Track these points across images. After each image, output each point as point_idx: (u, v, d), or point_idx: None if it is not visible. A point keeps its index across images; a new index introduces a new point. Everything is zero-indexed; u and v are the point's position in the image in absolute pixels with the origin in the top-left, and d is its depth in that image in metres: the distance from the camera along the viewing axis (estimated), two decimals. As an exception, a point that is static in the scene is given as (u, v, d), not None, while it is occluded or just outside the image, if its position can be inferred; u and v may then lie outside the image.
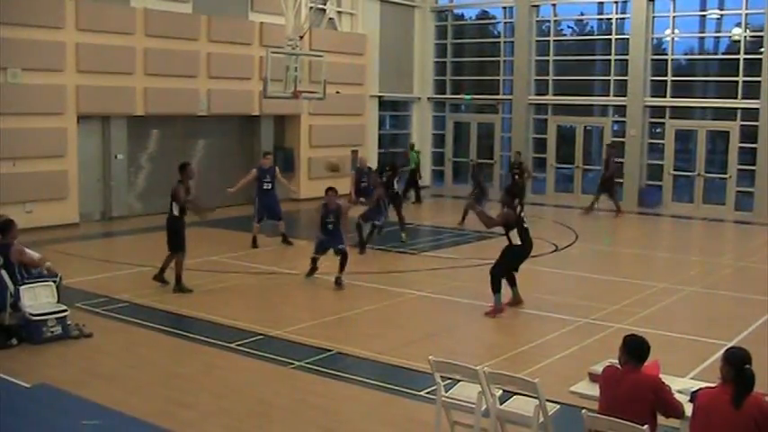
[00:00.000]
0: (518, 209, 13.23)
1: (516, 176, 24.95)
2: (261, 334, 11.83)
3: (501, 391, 7.68)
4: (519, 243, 13.18)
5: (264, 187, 18.91)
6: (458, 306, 14.15)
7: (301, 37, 20.56)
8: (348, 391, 9.64)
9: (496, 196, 24.60)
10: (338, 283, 14.91)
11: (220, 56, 23.84)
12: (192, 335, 11.78)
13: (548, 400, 7.22)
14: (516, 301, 13.58)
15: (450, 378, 7.99)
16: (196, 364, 10.56)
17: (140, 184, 23.22)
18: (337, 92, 24.07)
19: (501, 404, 7.56)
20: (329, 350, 11.10)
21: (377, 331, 12.34)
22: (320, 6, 26.73)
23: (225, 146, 25.69)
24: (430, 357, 7.84)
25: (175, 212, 14.40)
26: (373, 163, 27.80)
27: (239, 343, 11.34)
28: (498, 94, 31.18)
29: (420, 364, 9.61)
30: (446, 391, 7.84)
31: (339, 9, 28.70)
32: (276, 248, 18.60)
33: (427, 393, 9.12)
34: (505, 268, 13.34)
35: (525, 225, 13.25)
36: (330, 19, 28.24)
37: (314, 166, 26.43)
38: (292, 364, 10.51)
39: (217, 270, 16.20)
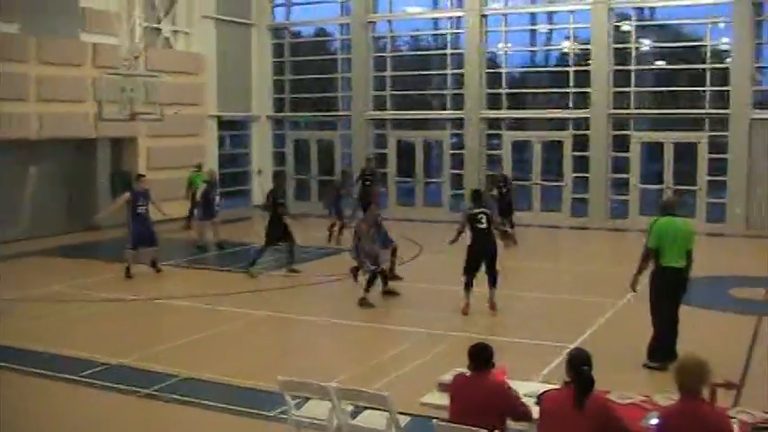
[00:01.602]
0: (474, 211, 14.18)
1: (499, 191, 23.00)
2: (106, 363, 11.45)
3: (352, 407, 7.67)
4: (468, 243, 14.26)
5: (138, 211, 18.07)
6: (305, 324, 14.14)
7: (136, 57, 20.17)
8: (199, 417, 9.46)
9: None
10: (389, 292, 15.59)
11: (52, 78, 23.06)
12: (32, 369, 11.25)
13: (399, 413, 7.26)
14: (490, 305, 14.33)
15: (300, 397, 7.94)
16: (38, 399, 10.14)
17: (-30, 214, 22.18)
18: (175, 113, 23.71)
19: (352, 420, 7.56)
20: (177, 375, 10.86)
21: (225, 353, 12.18)
22: (155, 26, 26.29)
23: (60, 170, 24.81)
24: (279, 377, 7.77)
25: None
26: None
27: (84, 374, 10.95)
28: (337, 110, 31.35)
29: (270, 385, 9.48)
30: (297, 411, 7.79)
31: (174, 28, 28.28)
32: (120, 275, 18.04)
33: (279, 414, 9.02)
34: (466, 266, 14.27)
35: (479, 226, 14.06)
36: (166, 38, 27.81)
37: (153, 188, 25.79)
38: (140, 392, 10.24)
39: (59, 300, 15.63)
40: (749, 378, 10.47)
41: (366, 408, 7.73)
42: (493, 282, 14.26)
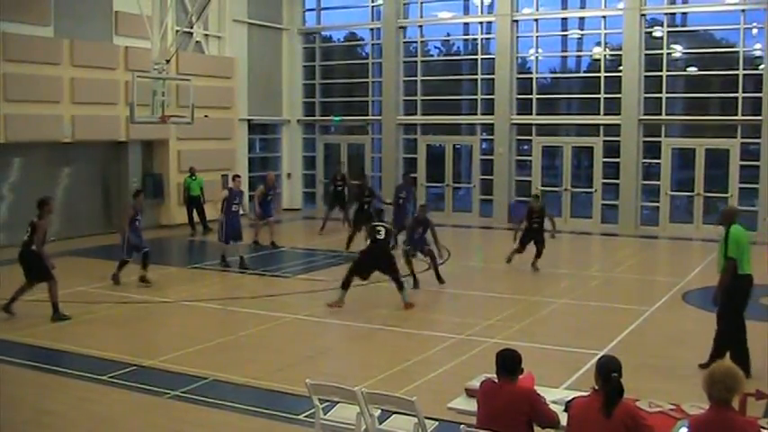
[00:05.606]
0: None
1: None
2: (134, 364, 11.51)
3: (379, 411, 7.66)
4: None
5: (233, 209, 19.48)
6: (333, 328, 14.13)
7: (168, 61, 20.27)
8: (226, 419, 9.48)
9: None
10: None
11: (84, 81, 23.24)
12: (61, 369, 11.36)
13: (426, 418, 7.24)
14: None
15: (328, 400, 7.94)
16: (67, 399, 10.19)
17: (2, 215, 22.34)
18: (206, 116, 23.80)
19: (380, 424, 7.55)
20: (205, 378, 10.89)
21: (253, 356, 12.20)
22: (186, 30, 26.42)
23: (91, 173, 25.03)
24: (307, 380, 7.77)
25: (34, 247, 14.17)
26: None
27: (112, 375, 11.00)
28: (368, 114, 31.37)
29: (298, 388, 9.49)
30: (325, 414, 7.79)
31: (206, 32, 28.42)
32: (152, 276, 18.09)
33: (306, 417, 9.03)
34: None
35: None
36: (197, 42, 27.95)
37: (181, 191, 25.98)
38: (168, 393, 10.27)
39: (86, 301, 15.69)
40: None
41: (394, 412, 7.71)
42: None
